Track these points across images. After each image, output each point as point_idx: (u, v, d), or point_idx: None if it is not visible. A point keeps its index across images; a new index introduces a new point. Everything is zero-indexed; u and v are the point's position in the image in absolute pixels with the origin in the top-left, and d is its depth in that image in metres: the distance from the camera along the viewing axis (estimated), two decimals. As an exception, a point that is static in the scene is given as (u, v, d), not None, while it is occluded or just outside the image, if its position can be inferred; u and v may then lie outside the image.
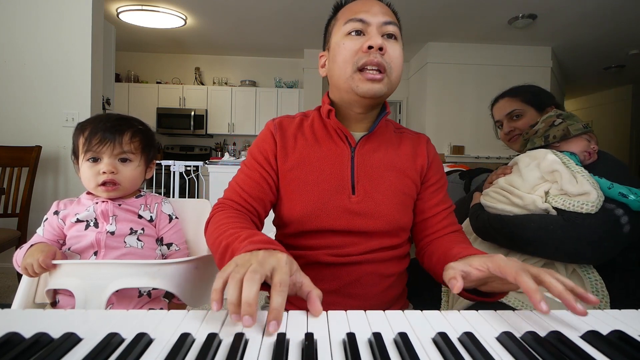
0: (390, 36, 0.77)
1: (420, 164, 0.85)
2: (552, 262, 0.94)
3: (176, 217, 0.97)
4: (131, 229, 0.88)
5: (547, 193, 0.95)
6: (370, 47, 0.74)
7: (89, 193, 0.91)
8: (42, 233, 0.88)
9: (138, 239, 0.89)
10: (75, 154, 0.90)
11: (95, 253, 0.85)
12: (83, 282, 0.74)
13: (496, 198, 1.03)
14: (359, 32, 0.76)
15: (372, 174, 0.80)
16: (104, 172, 0.85)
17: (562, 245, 0.87)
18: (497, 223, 0.98)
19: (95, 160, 0.86)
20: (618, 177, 0.92)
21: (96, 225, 0.87)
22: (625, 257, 0.94)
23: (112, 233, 0.86)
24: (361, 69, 0.75)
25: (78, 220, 0.87)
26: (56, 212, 0.89)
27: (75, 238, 0.86)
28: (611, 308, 0.86)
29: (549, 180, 0.95)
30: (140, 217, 0.91)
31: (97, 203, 0.88)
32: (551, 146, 1.03)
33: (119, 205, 0.89)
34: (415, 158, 0.85)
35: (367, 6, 0.78)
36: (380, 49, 0.74)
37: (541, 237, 0.89)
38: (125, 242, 0.87)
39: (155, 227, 0.94)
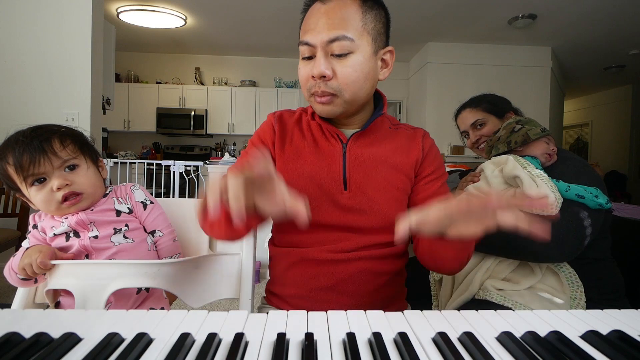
0: (339, 55, 0.72)
1: (414, 157, 0.83)
2: (526, 263, 0.99)
3: (151, 202, 0.91)
4: (114, 228, 0.84)
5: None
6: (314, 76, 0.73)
7: None
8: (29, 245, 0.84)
9: (125, 236, 0.85)
10: (12, 187, 0.80)
11: (87, 256, 0.84)
12: (83, 282, 0.74)
13: None
14: (309, 57, 0.75)
15: (365, 170, 0.79)
16: (59, 188, 0.77)
17: (530, 246, 0.91)
18: None
19: (42, 181, 0.77)
20: (575, 176, 0.97)
21: (76, 235, 0.83)
22: (595, 249, 0.99)
23: (96, 237, 0.82)
24: (314, 94, 0.76)
25: (55, 235, 0.83)
26: (35, 226, 0.85)
27: (62, 250, 0.83)
28: (588, 297, 0.92)
29: (512, 185, 1.00)
30: (118, 213, 0.86)
31: (66, 218, 0.82)
32: (514, 151, 1.08)
33: (92, 210, 0.84)
34: (410, 152, 0.83)
35: (314, 22, 0.73)
36: (324, 76, 0.72)
37: (510, 240, 0.93)
38: (112, 242, 0.84)
39: (136, 217, 0.89)
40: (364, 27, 0.73)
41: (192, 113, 5.96)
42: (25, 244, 0.85)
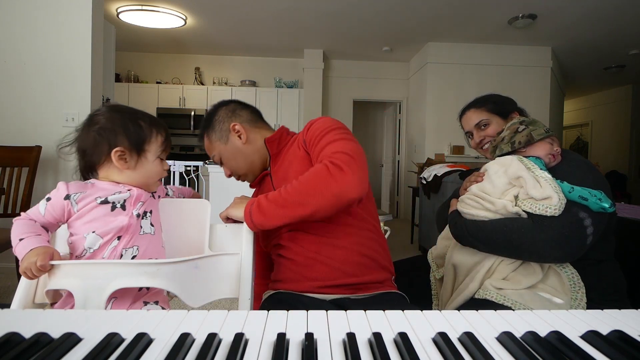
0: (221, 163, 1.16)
1: (302, 139, 1.05)
2: (528, 263, 0.98)
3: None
4: (144, 211, 0.90)
5: (516, 197, 0.99)
6: None
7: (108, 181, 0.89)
8: (43, 212, 0.83)
9: (151, 224, 0.90)
10: (137, 146, 0.88)
11: (119, 238, 0.84)
12: (82, 282, 0.74)
13: (470, 204, 1.07)
14: None
15: (284, 168, 1.05)
16: (166, 170, 0.97)
17: (533, 246, 0.92)
18: (473, 228, 1.03)
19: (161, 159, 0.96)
20: (580, 178, 0.97)
21: (123, 207, 0.86)
22: (598, 250, 0.99)
23: (138, 216, 0.88)
24: None
25: (103, 202, 0.84)
26: (67, 197, 0.84)
27: (100, 220, 0.83)
28: (589, 298, 0.93)
29: (516, 186, 1.00)
30: (152, 196, 0.95)
31: (130, 189, 0.87)
32: (517, 152, 1.08)
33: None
34: (300, 139, 1.06)
35: None
36: (230, 175, 1.17)
37: (513, 240, 0.94)
38: (141, 227, 0.88)
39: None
40: (213, 143, 1.13)
41: (192, 113, 5.96)
42: (41, 209, 0.83)
